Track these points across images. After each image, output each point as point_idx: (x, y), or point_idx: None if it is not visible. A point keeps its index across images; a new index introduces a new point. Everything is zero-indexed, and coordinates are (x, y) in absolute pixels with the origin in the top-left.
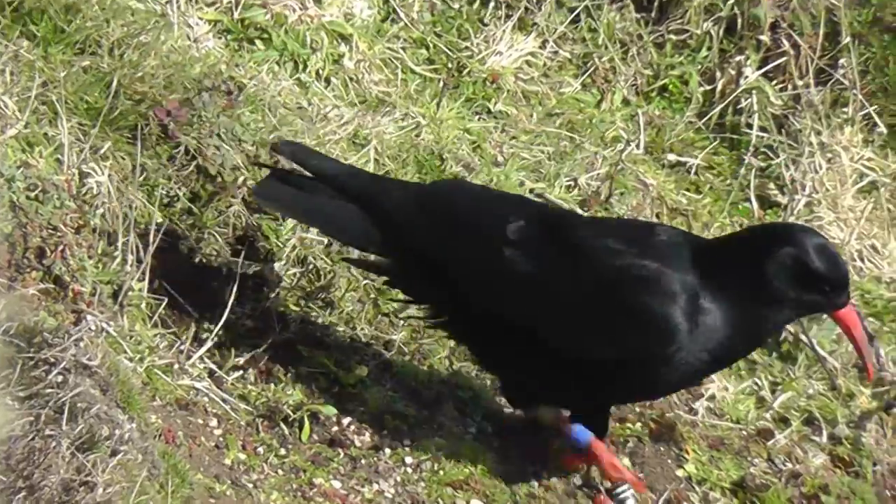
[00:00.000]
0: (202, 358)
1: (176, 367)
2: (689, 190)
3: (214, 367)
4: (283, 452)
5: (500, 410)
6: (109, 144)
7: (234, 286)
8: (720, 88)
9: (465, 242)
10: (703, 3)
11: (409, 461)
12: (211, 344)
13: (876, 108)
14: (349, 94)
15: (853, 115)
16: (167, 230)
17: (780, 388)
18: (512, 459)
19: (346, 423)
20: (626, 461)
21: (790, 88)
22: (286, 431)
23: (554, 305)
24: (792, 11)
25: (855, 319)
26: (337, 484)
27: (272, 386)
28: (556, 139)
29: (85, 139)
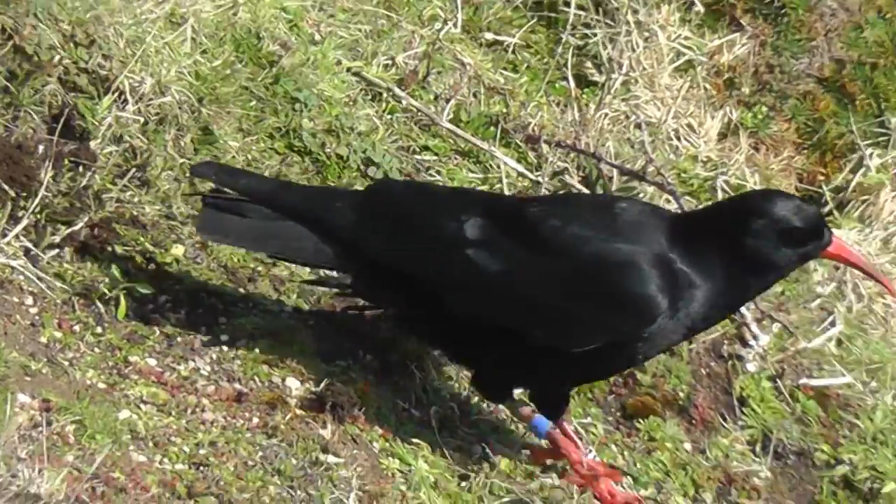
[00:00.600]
0: (18, 236)
1: None
2: (506, 69)
3: (30, 245)
4: (99, 330)
5: (314, 287)
6: None
7: (49, 165)
8: None
9: (424, 248)
10: None
11: (224, 339)
12: (27, 223)
13: None
14: None
15: None
16: None
17: None
18: (327, 337)
19: (162, 301)
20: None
21: None
22: (102, 310)
23: (529, 301)
24: None
25: (847, 249)
26: (153, 361)
27: (88, 264)
28: (373, 17)
29: None
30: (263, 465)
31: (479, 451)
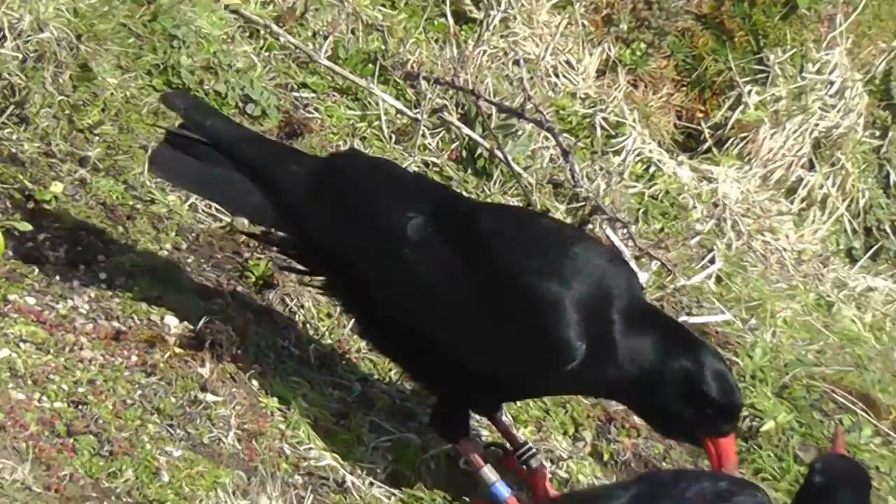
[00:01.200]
0: None
1: None
2: (384, 5)
3: None
4: None
5: (194, 225)
6: None
7: None
8: None
9: (364, 237)
10: None
11: (103, 277)
12: None
13: None
14: None
15: None
16: None
17: None
18: (206, 276)
19: (41, 238)
20: None
21: None
22: None
23: (452, 316)
24: None
25: (732, 455)
26: (31, 300)
27: None
28: None
29: None
30: (142, 403)
31: (358, 389)
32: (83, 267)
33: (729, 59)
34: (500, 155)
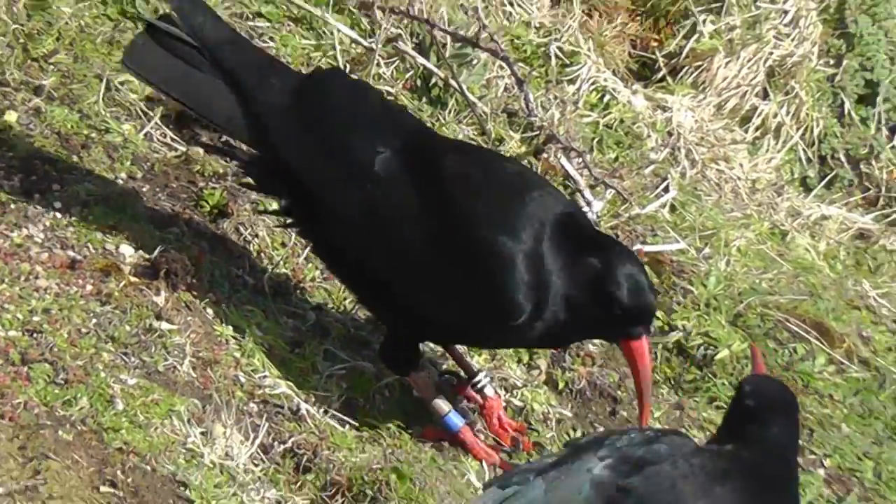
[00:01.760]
0: None
1: None
2: None
3: None
4: None
5: (149, 154)
6: None
7: None
8: None
9: (332, 164)
10: None
11: (58, 206)
12: None
13: None
14: None
15: None
16: None
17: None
18: (161, 204)
19: None
20: None
21: None
22: None
23: (408, 257)
24: None
25: (645, 356)
26: None
27: None
28: None
29: None
30: (97, 332)
31: (312, 317)
32: (38, 196)
33: None
34: (454, 84)
